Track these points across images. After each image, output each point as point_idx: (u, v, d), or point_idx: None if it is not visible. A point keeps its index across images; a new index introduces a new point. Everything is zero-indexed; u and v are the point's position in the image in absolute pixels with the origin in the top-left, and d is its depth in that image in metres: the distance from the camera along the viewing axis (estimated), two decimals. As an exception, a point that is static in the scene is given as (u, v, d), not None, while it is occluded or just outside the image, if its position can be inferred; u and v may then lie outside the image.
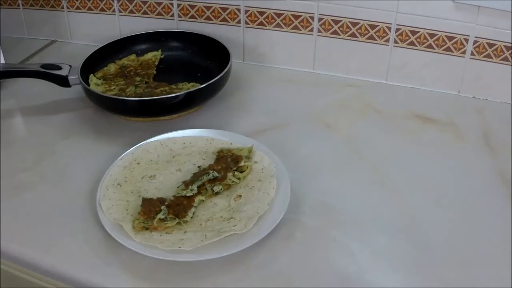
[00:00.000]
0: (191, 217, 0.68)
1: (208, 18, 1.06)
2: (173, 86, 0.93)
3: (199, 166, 0.76)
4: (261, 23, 1.03)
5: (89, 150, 0.84)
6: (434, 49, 0.95)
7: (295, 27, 1.02)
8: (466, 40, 0.92)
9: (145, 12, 1.10)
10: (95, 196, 0.71)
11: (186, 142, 0.81)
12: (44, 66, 0.92)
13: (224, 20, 1.05)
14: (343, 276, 0.63)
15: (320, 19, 0.99)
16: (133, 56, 1.03)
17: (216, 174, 0.73)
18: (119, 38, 1.04)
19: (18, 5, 1.18)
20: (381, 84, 1.01)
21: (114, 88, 0.93)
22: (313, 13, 0.99)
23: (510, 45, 0.89)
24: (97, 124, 0.91)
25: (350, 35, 0.99)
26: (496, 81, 0.93)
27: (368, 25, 0.97)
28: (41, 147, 0.85)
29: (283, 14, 1.01)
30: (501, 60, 0.91)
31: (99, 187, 0.72)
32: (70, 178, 0.79)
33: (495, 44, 0.90)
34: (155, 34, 1.06)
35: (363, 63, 1.01)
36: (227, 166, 0.74)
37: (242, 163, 0.75)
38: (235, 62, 0.96)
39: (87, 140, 0.87)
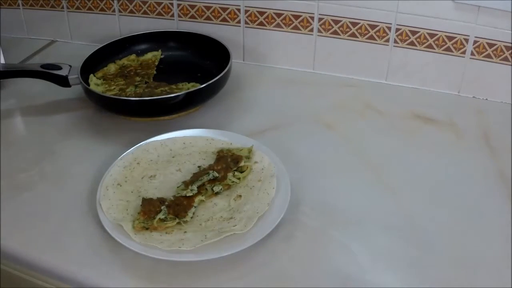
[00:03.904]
0: (191, 217, 0.68)
1: (208, 18, 1.06)
2: (173, 86, 0.93)
3: (199, 166, 0.76)
4: (261, 23, 1.03)
5: (89, 150, 0.84)
6: (434, 49, 0.95)
7: (295, 27, 1.02)
8: (466, 40, 0.92)
9: (145, 12, 1.10)
10: (95, 196, 0.71)
11: (186, 142, 0.81)
12: (44, 66, 0.92)
13: (224, 20, 1.05)
14: (343, 276, 0.63)
15: (320, 19, 0.99)
16: (133, 56, 1.03)
17: (216, 174, 0.73)
18: (119, 38, 1.04)
19: (18, 5, 1.18)
20: (381, 84, 1.01)
21: (114, 88, 0.93)
22: (313, 13, 0.99)
23: (510, 45, 0.89)
24: (97, 124, 0.91)
25: (350, 35, 0.99)
26: (496, 81, 0.93)
27: (368, 25, 0.97)
28: (41, 147, 0.85)
29: (283, 14, 1.01)
30: (501, 60, 0.91)
31: (99, 187, 0.72)
32: (70, 178, 0.79)
33: (495, 44, 0.90)
34: (155, 34, 1.06)
35: (363, 63, 1.01)
36: (227, 166, 0.74)
37: (242, 163, 0.75)
38: (235, 62, 0.96)
39: (87, 140, 0.87)
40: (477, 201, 0.74)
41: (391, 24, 0.95)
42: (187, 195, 0.70)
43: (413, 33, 0.94)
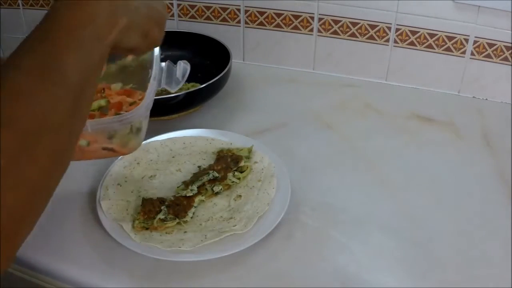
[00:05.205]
0: (191, 217, 0.68)
1: (208, 18, 1.06)
2: (173, 86, 0.93)
3: (199, 166, 0.76)
4: (261, 23, 1.03)
5: (89, 150, 0.84)
6: (434, 49, 0.95)
7: (295, 27, 1.02)
8: (466, 40, 0.92)
9: (145, 12, 1.10)
10: (95, 196, 0.71)
11: (186, 142, 0.81)
12: (44, 66, 0.92)
13: (224, 20, 1.05)
14: (343, 276, 0.63)
15: (320, 19, 0.99)
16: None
17: (216, 174, 0.73)
18: (119, 38, 1.04)
19: (18, 5, 1.18)
20: (381, 84, 1.01)
21: (114, 88, 0.93)
22: (313, 13, 0.99)
23: (510, 45, 0.89)
24: (97, 124, 0.91)
25: (350, 35, 0.99)
26: (496, 81, 0.93)
27: (368, 25, 0.97)
28: (41, 147, 0.85)
29: (283, 14, 1.01)
30: (501, 60, 0.91)
31: (99, 187, 0.72)
32: (70, 178, 0.78)
33: (495, 44, 0.90)
34: (155, 34, 1.05)
35: (363, 63, 1.01)
36: (227, 166, 0.74)
37: (242, 163, 0.75)
38: (235, 62, 0.96)
39: (87, 140, 0.87)
40: (477, 201, 0.74)
41: (391, 24, 0.95)
42: (187, 195, 0.70)
43: (413, 33, 0.94)
